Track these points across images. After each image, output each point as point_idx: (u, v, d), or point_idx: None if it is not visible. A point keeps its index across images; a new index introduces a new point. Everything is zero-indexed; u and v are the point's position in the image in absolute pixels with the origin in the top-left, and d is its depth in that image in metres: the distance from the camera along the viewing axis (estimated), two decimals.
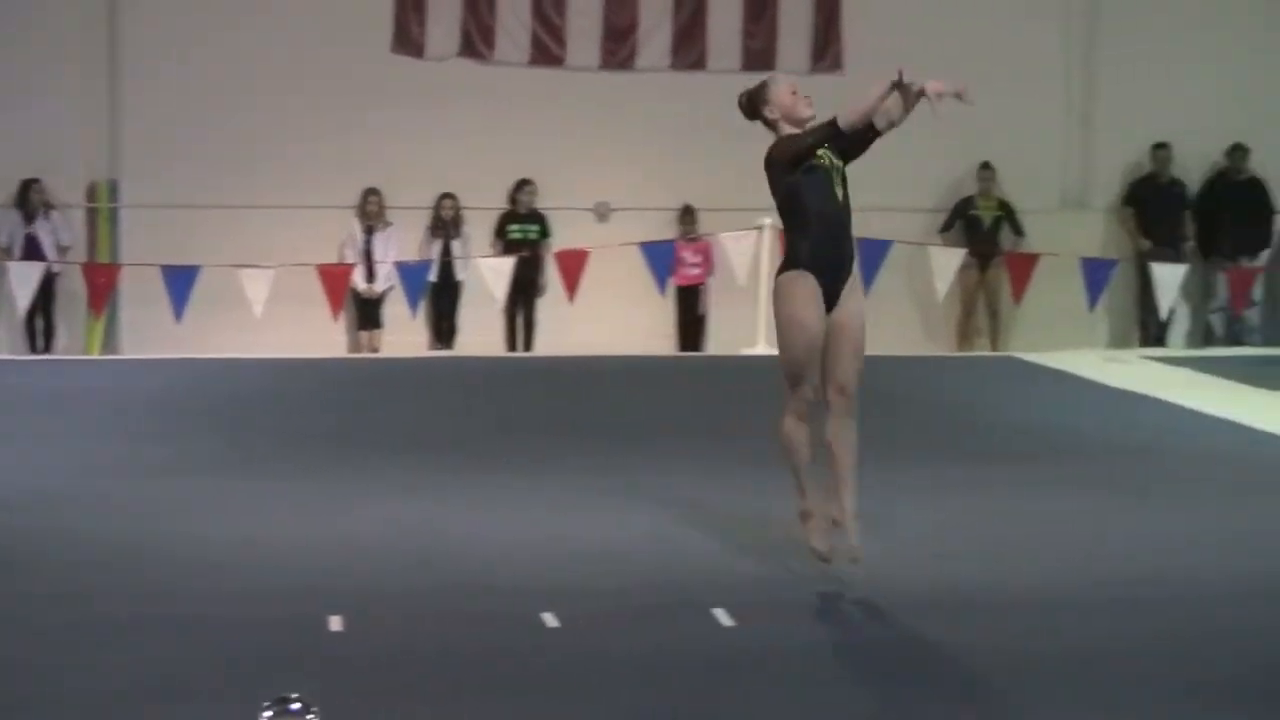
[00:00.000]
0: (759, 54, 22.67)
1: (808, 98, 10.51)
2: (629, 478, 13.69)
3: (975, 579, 10.86)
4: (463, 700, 8.49)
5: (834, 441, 10.49)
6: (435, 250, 21.92)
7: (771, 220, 21.50)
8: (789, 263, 10.26)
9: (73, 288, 21.43)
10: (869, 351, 19.08)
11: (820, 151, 10.26)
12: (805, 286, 10.13)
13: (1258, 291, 23.23)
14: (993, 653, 9.45)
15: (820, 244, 10.20)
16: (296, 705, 4.17)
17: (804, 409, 10.42)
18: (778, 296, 10.27)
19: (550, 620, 9.80)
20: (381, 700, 8.21)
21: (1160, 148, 23.04)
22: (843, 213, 10.35)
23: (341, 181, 21.62)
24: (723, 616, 9.88)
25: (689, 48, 22.64)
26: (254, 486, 13.33)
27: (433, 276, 21.80)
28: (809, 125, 10.34)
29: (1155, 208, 23.05)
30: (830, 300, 10.19)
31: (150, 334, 21.01)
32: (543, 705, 8.46)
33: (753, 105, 10.60)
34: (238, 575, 10.80)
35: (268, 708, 4.17)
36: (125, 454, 14.59)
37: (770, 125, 10.55)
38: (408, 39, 22.28)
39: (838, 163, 10.35)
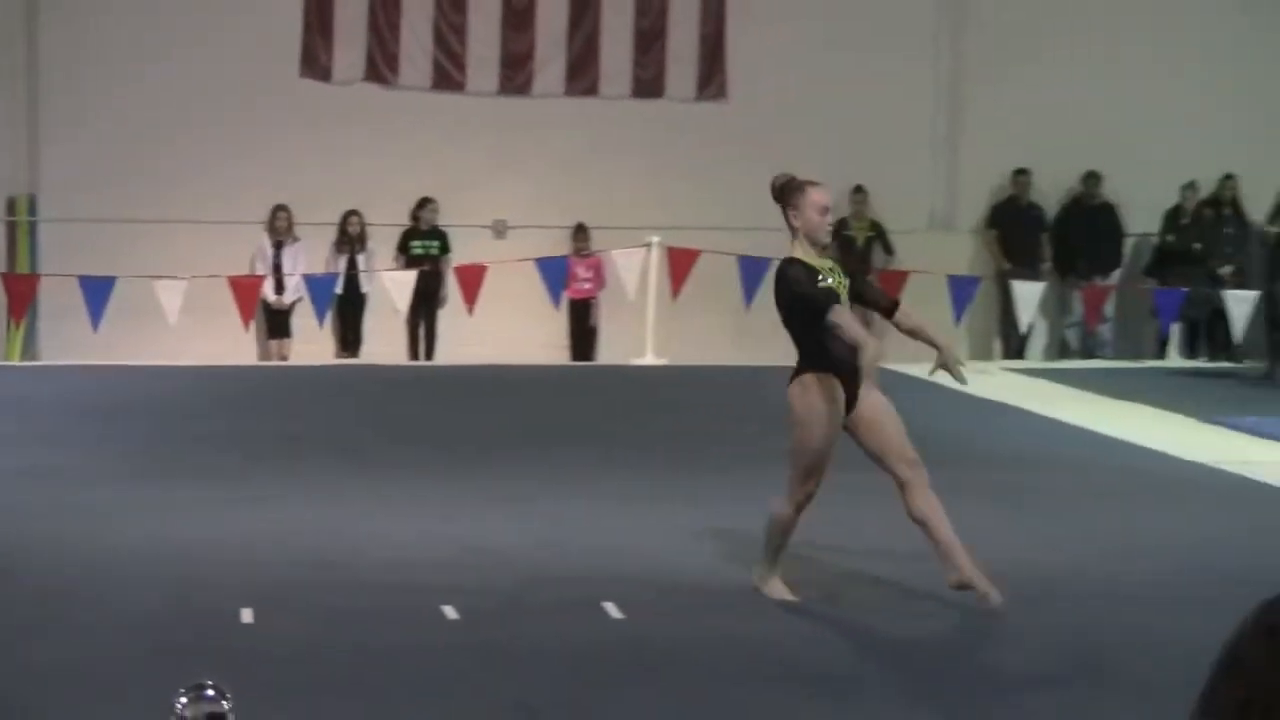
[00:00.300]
0: (648, 82, 22.74)
1: (832, 223, 10.33)
2: (525, 480, 13.73)
3: (854, 578, 10.94)
4: (369, 686, 8.53)
5: (925, 516, 10.20)
6: (341, 264, 21.84)
7: (660, 237, 21.62)
8: (810, 364, 10.03)
9: None
10: (757, 362, 19.23)
11: (830, 268, 10.10)
12: (828, 385, 9.95)
13: (1109, 308, 23.43)
14: (870, 646, 9.56)
15: (838, 354, 9.97)
16: (211, 692, 4.12)
17: (805, 502, 10.13)
18: (801, 392, 10.01)
19: (451, 613, 9.84)
20: (292, 685, 8.24)
21: (1020, 174, 23.24)
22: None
23: (252, 198, 21.52)
24: (613, 610, 9.96)
25: (582, 75, 22.67)
26: (167, 488, 13.31)
27: (339, 289, 21.71)
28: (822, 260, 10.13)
29: (1015, 230, 23.26)
30: (849, 402, 10.02)
31: (68, 342, 20.84)
32: (444, 692, 8.51)
33: (783, 198, 10.20)
34: (153, 570, 10.81)
35: (183, 694, 4.11)
36: (44, 457, 14.52)
37: (789, 225, 10.21)
38: (315, 63, 22.22)
39: (844, 280, 10.15)
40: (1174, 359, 22.96)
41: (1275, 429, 17.10)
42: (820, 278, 9.99)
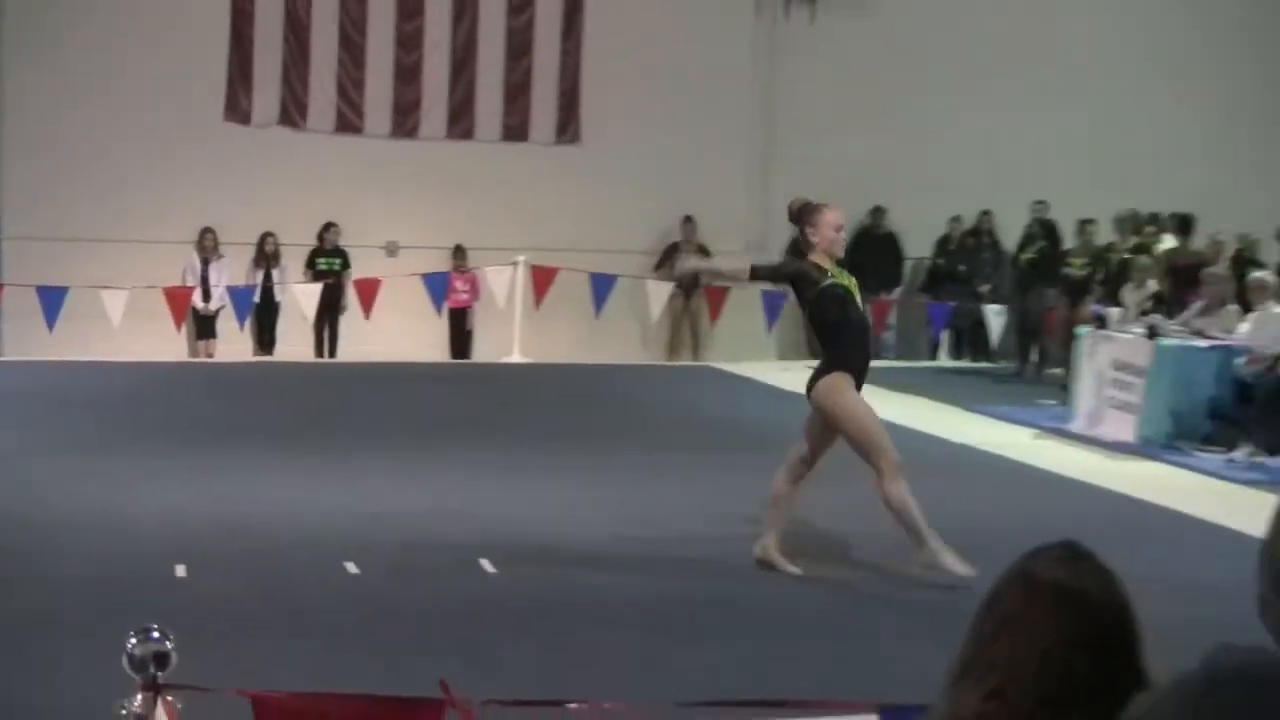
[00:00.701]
0: (516, 128, 22.73)
1: (845, 239, 10.12)
2: (412, 457, 13.78)
3: (672, 538, 11.05)
4: (283, 629, 8.61)
5: (788, 497, 10.09)
6: (259, 277, 21.68)
7: (525, 257, 21.72)
8: (834, 365, 9.78)
9: None
10: (605, 361, 19.07)
11: (838, 272, 9.84)
12: (849, 383, 9.70)
13: (892, 318, 23.64)
14: (695, 594, 9.68)
15: (854, 349, 9.84)
16: (156, 634, 4.17)
17: (899, 467, 9.74)
18: (833, 394, 9.73)
19: (352, 568, 9.89)
20: (219, 629, 8.27)
21: None
22: (865, 321, 10.04)
23: (183, 221, 21.34)
24: (487, 565, 10.04)
25: (460, 121, 22.63)
26: (112, 464, 13.30)
27: (256, 298, 21.55)
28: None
29: None
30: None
31: (28, 341, 20.60)
32: (345, 634, 8.58)
33: (800, 217, 9.96)
34: (100, 532, 10.82)
35: (133, 636, 4.16)
36: (6, 440, 14.38)
37: (806, 242, 9.98)
38: (237, 109, 22.07)
39: (853, 280, 9.95)
40: (943, 360, 23.24)
41: (1023, 416, 17.46)
42: (830, 275, 9.77)
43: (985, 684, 2.62)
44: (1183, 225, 20.31)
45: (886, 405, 17.61)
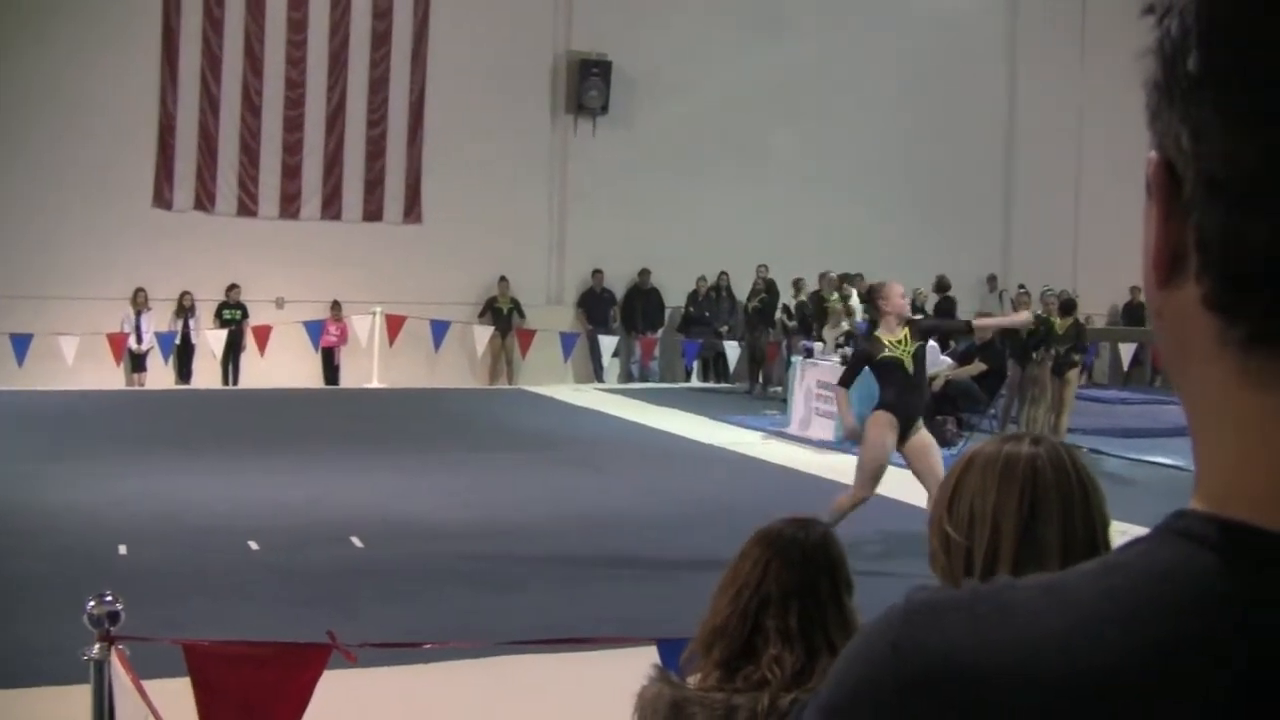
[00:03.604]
0: (373, 212, 22.55)
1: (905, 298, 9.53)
2: (297, 460, 13.65)
3: (495, 517, 11.07)
4: (201, 592, 8.47)
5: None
6: (179, 325, 21.26)
7: (381, 308, 21.56)
8: (879, 405, 9.27)
9: None
10: (442, 385, 19.00)
11: (893, 345, 9.25)
12: (886, 421, 9.17)
13: (656, 351, 23.79)
14: (510, 556, 9.70)
15: (895, 399, 9.22)
16: (109, 597, 4.11)
17: (860, 503, 9.20)
18: (872, 426, 9.22)
19: (254, 545, 9.78)
20: (153, 593, 8.13)
21: (596, 272, 23.41)
22: (913, 379, 9.31)
23: (122, 283, 20.82)
24: (356, 541, 9.98)
25: (331, 207, 22.39)
26: (66, 466, 13.00)
27: (177, 341, 21.11)
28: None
29: (595, 305, 23.41)
30: (903, 434, 9.22)
31: (2, 375, 19.92)
32: (249, 594, 8.48)
33: (871, 295, 9.44)
34: (56, 519, 10.59)
35: (91, 599, 4.10)
36: None
37: (878, 311, 9.45)
38: (162, 198, 21.61)
39: (909, 348, 9.26)
40: (695, 382, 23.44)
41: (753, 422, 17.69)
42: (885, 349, 9.27)
43: (728, 592, 2.88)
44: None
45: (651, 415, 18.03)
